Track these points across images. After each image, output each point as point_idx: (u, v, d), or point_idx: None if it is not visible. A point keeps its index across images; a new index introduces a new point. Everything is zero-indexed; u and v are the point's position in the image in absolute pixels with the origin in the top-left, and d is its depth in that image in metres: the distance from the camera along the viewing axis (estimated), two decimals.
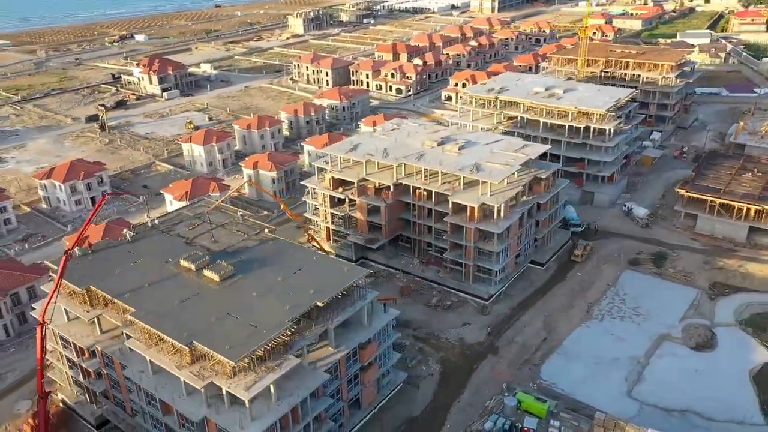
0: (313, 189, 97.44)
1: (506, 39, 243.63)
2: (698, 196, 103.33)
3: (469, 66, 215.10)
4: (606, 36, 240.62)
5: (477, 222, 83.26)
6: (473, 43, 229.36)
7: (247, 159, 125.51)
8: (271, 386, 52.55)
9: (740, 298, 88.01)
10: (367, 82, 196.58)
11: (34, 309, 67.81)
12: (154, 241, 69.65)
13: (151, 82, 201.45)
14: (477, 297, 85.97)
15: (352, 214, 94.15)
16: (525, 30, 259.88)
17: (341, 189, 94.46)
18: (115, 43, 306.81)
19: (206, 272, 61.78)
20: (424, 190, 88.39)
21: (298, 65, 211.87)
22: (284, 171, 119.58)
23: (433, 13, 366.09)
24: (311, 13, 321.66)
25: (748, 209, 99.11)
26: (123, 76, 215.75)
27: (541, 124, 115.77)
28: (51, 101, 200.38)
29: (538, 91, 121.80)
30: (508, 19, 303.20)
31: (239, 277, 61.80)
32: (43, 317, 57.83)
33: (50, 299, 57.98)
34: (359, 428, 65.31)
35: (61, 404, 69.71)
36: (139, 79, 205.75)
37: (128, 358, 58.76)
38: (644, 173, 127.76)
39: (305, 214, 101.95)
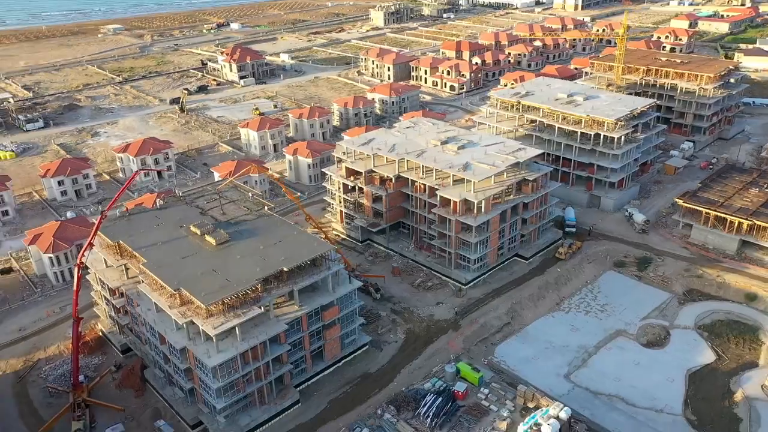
0: (331, 176, 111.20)
1: (573, 40, 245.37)
2: (694, 207, 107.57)
3: (529, 66, 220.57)
4: (679, 39, 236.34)
5: (459, 215, 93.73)
6: (537, 43, 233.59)
7: (289, 146, 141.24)
8: (237, 328, 67.00)
9: (708, 305, 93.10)
10: (425, 78, 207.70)
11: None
12: (177, 210, 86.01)
13: (231, 70, 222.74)
14: (456, 281, 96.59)
15: (360, 201, 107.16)
16: (597, 30, 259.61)
17: (353, 177, 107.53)
18: (211, 31, 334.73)
19: (207, 237, 76.99)
20: (421, 183, 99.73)
21: (365, 59, 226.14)
22: (319, 158, 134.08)
23: (515, 9, 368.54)
24: (392, 7, 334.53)
25: (740, 223, 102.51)
26: (209, 63, 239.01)
27: (556, 129, 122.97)
28: (146, 83, 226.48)
29: (559, 97, 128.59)
30: (587, 18, 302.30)
31: (231, 243, 76.56)
32: (80, 260, 75.30)
33: (86, 248, 75.39)
34: (323, 377, 78.74)
35: (100, 332, 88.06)
36: (221, 66, 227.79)
37: (141, 298, 75.23)
38: (664, 181, 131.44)
39: (325, 198, 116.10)
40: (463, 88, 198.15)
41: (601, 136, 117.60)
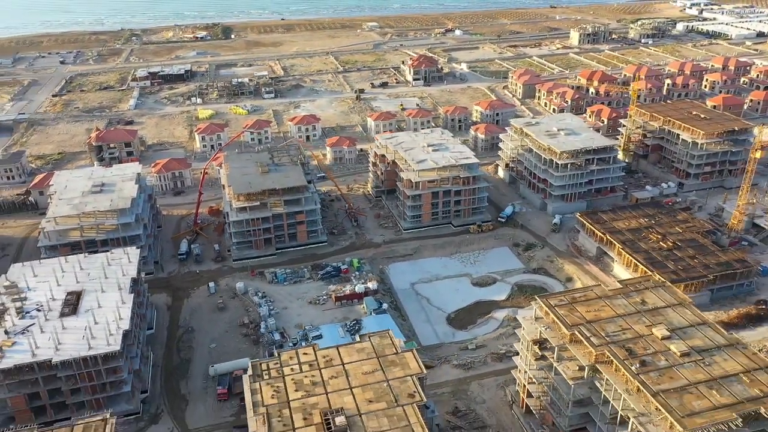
0: (367, 156, 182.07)
1: (714, 82, 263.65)
2: (582, 219, 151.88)
3: (645, 101, 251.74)
4: None
5: (406, 187, 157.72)
6: (668, 81, 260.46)
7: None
8: (248, 209, 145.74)
9: (534, 276, 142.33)
10: (541, 98, 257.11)
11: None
12: (261, 155, 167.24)
13: (409, 72, 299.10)
14: (400, 227, 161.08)
15: (378, 172, 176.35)
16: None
17: (378, 158, 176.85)
18: (438, 35, 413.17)
19: (261, 168, 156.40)
20: (401, 166, 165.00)
21: (511, 76, 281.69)
22: None
23: (727, 39, 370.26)
24: (589, 28, 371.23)
25: (600, 235, 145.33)
26: (401, 65, 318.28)
27: (534, 152, 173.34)
28: (354, 75, 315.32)
29: (550, 130, 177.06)
30: None
31: (270, 173, 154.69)
32: (201, 187, 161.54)
33: (208, 163, 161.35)
34: (293, 250, 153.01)
35: (220, 206, 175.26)
36: (403, 69, 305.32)
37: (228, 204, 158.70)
38: (617, 204, 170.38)
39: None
40: (562, 111, 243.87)
41: (553, 162, 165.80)
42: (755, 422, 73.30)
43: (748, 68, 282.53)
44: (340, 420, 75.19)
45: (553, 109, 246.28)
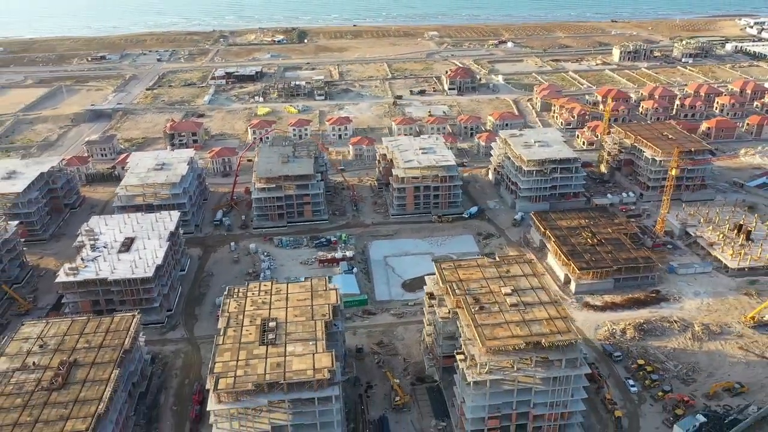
0: (376, 154, 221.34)
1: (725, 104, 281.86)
2: (533, 216, 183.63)
3: (650, 119, 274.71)
4: None
5: (394, 182, 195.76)
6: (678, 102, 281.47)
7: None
8: (266, 190, 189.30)
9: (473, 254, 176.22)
10: (555, 112, 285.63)
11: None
12: (287, 148, 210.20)
13: (446, 82, 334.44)
14: (389, 213, 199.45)
15: (379, 168, 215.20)
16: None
17: (381, 156, 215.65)
18: (491, 46, 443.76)
19: (282, 159, 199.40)
20: (394, 163, 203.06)
21: (535, 90, 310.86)
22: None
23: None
24: (630, 45, 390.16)
25: (543, 230, 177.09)
26: (443, 75, 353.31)
27: (510, 159, 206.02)
28: (399, 82, 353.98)
29: (527, 142, 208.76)
30: None
31: (289, 162, 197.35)
32: (237, 171, 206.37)
33: (238, 167, 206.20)
34: (302, 224, 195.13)
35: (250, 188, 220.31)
36: (442, 79, 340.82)
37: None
38: (576, 207, 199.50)
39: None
40: (569, 125, 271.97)
41: (521, 168, 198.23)
42: (539, 349, 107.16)
43: (764, 93, 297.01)
44: (271, 324, 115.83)
45: (561, 123, 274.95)
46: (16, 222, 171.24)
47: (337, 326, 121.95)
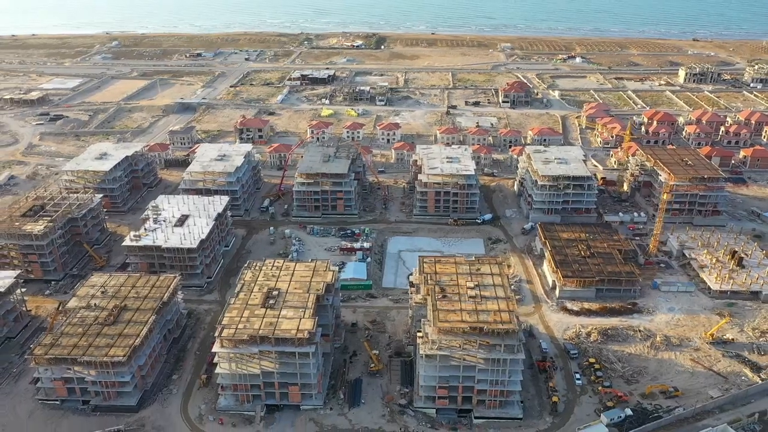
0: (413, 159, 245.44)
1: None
2: (539, 227, 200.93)
3: (693, 144, 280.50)
4: None
5: (419, 186, 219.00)
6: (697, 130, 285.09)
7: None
8: (313, 180, 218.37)
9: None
10: (596, 129, 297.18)
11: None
12: (330, 149, 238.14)
13: (499, 96, 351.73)
14: (409, 211, 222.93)
15: (411, 173, 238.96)
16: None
17: (413, 162, 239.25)
18: (558, 61, 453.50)
19: (323, 158, 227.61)
20: (422, 168, 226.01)
21: (584, 107, 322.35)
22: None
23: None
24: (696, 67, 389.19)
25: (543, 240, 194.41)
26: (497, 88, 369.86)
27: (529, 173, 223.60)
28: (459, 92, 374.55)
29: (548, 158, 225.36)
30: None
31: (330, 161, 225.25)
32: (286, 165, 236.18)
33: (287, 163, 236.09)
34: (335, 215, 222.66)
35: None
36: (497, 92, 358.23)
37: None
38: (584, 222, 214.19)
39: None
40: (608, 144, 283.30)
41: (536, 182, 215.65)
42: (483, 334, 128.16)
43: None
44: (274, 293, 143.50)
45: (600, 142, 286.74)
46: (101, 195, 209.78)
47: (329, 300, 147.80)
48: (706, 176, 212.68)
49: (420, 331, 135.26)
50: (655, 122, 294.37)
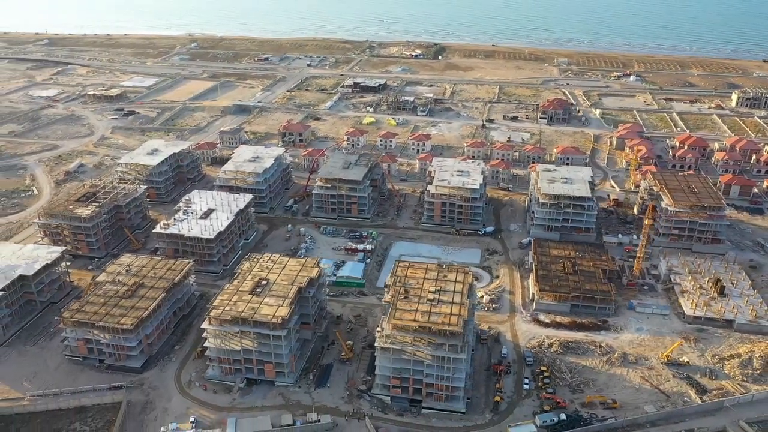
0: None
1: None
2: (534, 242, 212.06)
3: (720, 170, 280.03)
4: None
5: (427, 196, 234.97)
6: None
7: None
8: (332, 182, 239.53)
9: (475, 269, 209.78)
10: (627, 150, 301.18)
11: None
12: (352, 156, 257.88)
13: (538, 112, 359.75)
14: (418, 219, 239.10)
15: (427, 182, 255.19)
16: None
17: (429, 173, 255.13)
18: (611, 78, 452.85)
19: (344, 164, 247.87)
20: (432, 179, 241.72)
21: (619, 128, 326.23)
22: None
23: None
24: (750, 92, 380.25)
25: (534, 254, 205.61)
26: (538, 104, 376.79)
27: (537, 189, 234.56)
28: (501, 107, 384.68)
29: (554, 177, 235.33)
30: None
31: (350, 167, 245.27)
32: (312, 168, 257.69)
33: (313, 166, 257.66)
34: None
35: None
36: (533, 109, 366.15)
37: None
38: (582, 240, 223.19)
39: None
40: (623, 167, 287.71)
41: (538, 199, 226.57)
42: (431, 333, 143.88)
43: None
44: (263, 283, 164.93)
45: (624, 163, 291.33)
46: (145, 186, 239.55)
47: (310, 292, 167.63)
48: (706, 204, 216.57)
49: (378, 327, 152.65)
50: (685, 146, 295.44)
